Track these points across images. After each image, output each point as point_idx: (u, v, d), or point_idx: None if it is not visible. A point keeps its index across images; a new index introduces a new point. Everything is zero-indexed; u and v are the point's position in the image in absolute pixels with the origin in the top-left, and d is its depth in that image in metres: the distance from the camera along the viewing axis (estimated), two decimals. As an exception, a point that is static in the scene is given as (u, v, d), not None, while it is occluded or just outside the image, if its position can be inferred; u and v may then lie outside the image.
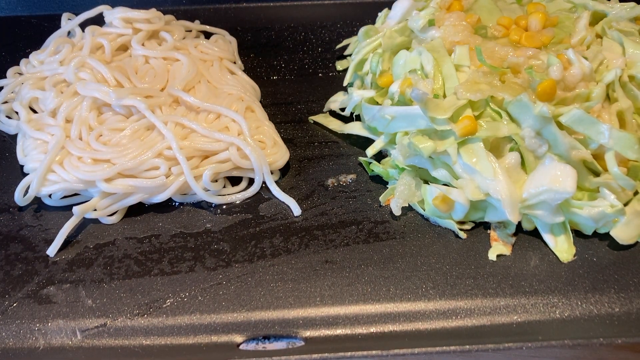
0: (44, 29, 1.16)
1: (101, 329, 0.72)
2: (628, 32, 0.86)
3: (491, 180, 0.75)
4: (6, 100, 0.99)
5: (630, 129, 0.79)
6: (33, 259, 0.80)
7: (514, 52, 0.82)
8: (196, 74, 0.96)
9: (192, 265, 0.79)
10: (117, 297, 0.75)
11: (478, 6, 0.92)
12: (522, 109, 0.75)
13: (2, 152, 0.95)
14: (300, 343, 0.71)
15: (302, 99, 1.04)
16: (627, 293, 0.74)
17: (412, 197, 0.83)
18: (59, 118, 0.89)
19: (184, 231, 0.83)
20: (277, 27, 1.19)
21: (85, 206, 0.82)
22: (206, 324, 0.72)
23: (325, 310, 0.74)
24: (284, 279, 0.77)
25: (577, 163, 0.76)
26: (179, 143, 0.84)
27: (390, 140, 0.88)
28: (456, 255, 0.79)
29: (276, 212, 0.85)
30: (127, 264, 0.79)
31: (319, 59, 1.12)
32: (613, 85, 0.79)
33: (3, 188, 0.89)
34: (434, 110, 0.78)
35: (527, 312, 0.73)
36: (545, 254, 0.79)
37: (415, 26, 0.88)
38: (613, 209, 0.75)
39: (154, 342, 0.71)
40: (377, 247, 0.80)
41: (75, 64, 0.93)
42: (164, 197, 0.84)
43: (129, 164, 0.82)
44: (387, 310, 0.73)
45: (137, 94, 0.89)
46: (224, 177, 0.89)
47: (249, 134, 0.87)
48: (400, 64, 0.88)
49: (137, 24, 1.02)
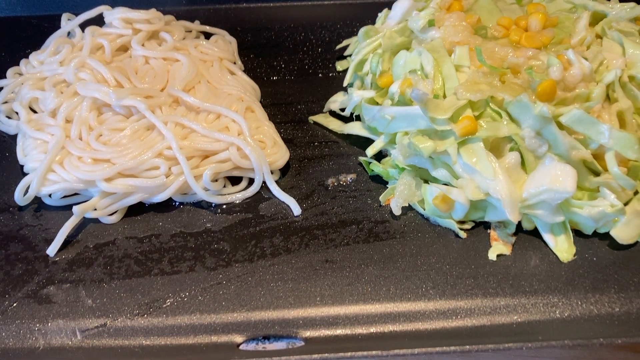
0: (44, 29, 1.16)
1: (101, 329, 0.72)
2: (628, 33, 0.86)
3: (491, 180, 0.75)
4: (6, 101, 0.99)
5: (630, 129, 0.79)
6: (33, 258, 0.80)
7: (514, 53, 0.82)
8: (196, 74, 0.96)
9: (192, 265, 0.79)
10: (117, 297, 0.75)
11: (478, 6, 0.92)
12: (522, 109, 0.76)
13: (2, 152, 0.95)
14: (300, 343, 0.71)
15: (302, 99, 1.04)
16: (627, 293, 0.74)
17: (412, 196, 0.83)
18: (59, 118, 0.89)
19: (184, 231, 0.83)
20: (277, 27, 1.19)
21: (85, 206, 0.82)
22: (206, 324, 0.72)
23: (325, 310, 0.74)
24: (284, 279, 0.77)
25: (577, 163, 0.76)
26: (179, 143, 0.84)
27: (390, 140, 0.88)
28: (456, 255, 0.79)
29: (276, 212, 0.85)
30: (127, 263, 0.79)
31: (319, 59, 1.12)
32: (613, 85, 0.79)
33: (3, 188, 0.89)
34: (434, 110, 0.78)
35: (527, 312, 0.73)
36: (545, 253, 0.79)
37: (415, 26, 0.89)
38: (613, 209, 0.75)
39: (154, 342, 0.71)
40: (377, 247, 0.80)
41: (75, 65, 0.93)
42: (164, 196, 0.84)
43: (129, 163, 0.82)
44: (387, 310, 0.73)
45: (137, 94, 0.89)
46: (224, 177, 0.89)
47: (249, 134, 0.87)
48: (400, 64, 0.88)
49: (137, 25, 1.02)
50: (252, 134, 0.88)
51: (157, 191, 0.84)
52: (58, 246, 0.80)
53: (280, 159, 0.89)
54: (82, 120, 0.88)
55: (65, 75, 0.94)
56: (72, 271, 0.78)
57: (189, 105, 0.91)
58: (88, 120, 0.88)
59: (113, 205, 0.83)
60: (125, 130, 0.87)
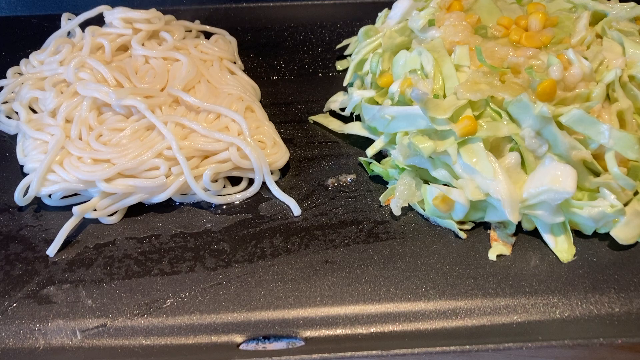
0: (44, 29, 1.16)
1: (101, 329, 0.72)
2: (628, 32, 0.86)
3: (491, 180, 0.75)
4: (6, 100, 0.99)
5: (630, 129, 0.79)
6: (33, 259, 0.80)
7: (514, 52, 0.82)
8: (196, 74, 0.96)
9: (192, 265, 0.79)
10: (117, 297, 0.75)
11: (478, 6, 0.92)
12: (522, 109, 0.75)
13: (2, 152, 0.95)
14: (300, 343, 0.71)
15: (302, 99, 1.04)
16: (627, 293, 0.74)
17: (412, 197, 0.83)
18: (59, 118, 0.89)
19: (184, 231, 0.83)
20: (277, 27, 1.19)
21: (85, 206, 0.82)
22: (206, 324, 0.72)
23: (325, 310, 0.74)
24: (284, 279, 0.77)
25: (577, 163, 0.76)
26: (179, 143, 0.84)
27: (390, 140, 0.88)
28: (456, 255, 0.79)
29: (276, 212, 0.85)
30: (127, 264, 0.79)
31: (319, 59, 1.12)
32: (613, 85, 0.79)
33: (3, 188, 0.89)
34: (434, 110, 0.78)
35: (527, 312, 0.73)
36: (545, 254, 0.79)
37: (415, 26, 0.88)
38: (613, 209, 0.75)
39: (154, 342, 0.71)
40: (377, 247, 0.80)
41: (75, 64, 0.93)
42: (164, 197, 0.84)
43: (129, 164, 0.82)
44: (387, 310, 0.73)
45: (137, 94, 0.89)
46: (224, 177, 0.89)
47: (249, 134, 0.87)
48: (400, 64, 0.88)
49: (137, 24, 1.02)
50: (252, 134, 0.88)
51: (157, 191, 0.84)
52: (58, 246, 0.80)
53: (280, 159, 0.89)
54: (82, 120, 0.88)
55: (65, 75, 0.94)
56: (72, 271, 0.78)
57: (189, 105, 0.91)
58: (88, 120, 0.88)
59: (113, 205, 0.83)
60: (125, 130, 0.87)
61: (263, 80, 1.06)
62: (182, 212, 0.86)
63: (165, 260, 0.79)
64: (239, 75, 1.02)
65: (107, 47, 0.98)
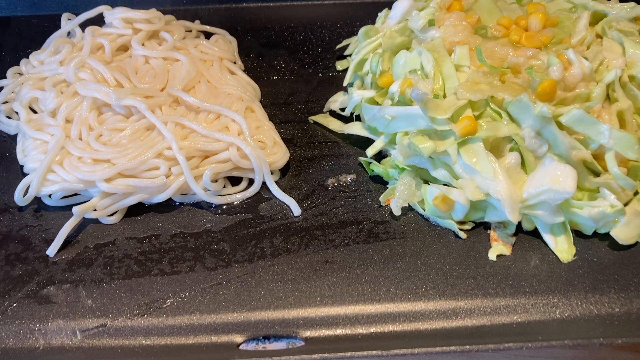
0: (44, 29, 1.16)
1: (101, 329, 0.72)
2: (628, 32, 0.86)
3: (491, 180, 0.75)
4: (6, 100, 0.99)
5: (630, 129, 0.79)
6: (33, 259, 0.80)
7: (514, 52, 0.82)
8: (196, 74, 0.96)
9: (192, 265, 0.79)
10: (117, 297, 0.75)
11: (478, 6, 0.92)
12: (522, 109, 0.75)
13: (2, 152, 0.95)
14: (300, 343, 0.71)
15: (302, 99, 1.04)
16: (627, 293, 0.74)
17: (412, 197, 0.83)
18: (59, 118, 0.89)
19: (184, 231, 0.83)
20: (277, 27, 1.19)
21: (85, 206, 0.82)
22: (206, 324, 0.72)
23: (325, 310, 0.74)
24: (284, 279, 0.77)
25: (577, 163, 0.76)
26: (179, 143, 0.84)
27: (390, 140, 0.88)
28: (456, 255, 0.79)
29: (276, 212, 0.85)
30: (127, 264, 0.79)
31: (319, 59, 1.12)
32: (613, 85, 0.79)
33: (3, 188, 0.89)
34: (434, 110, 0.78)
35: (527, 312, 0.73)
36: (545, 254, 0.79)
37: (415, 26, 0.88)
38: (613, 209, 0.75)
39: (154, 342, 0.71)
40: (377, 247, 0.80)
41: (75, 64, 0.93)
42: (164, 197, 0.84)
43: (129, 164, 0.82)
44: (387, 310, 0.73)
45: (137, 94, 0.89)
46: (224, 177, 0.89)
47: (249, 134, 0.87)
48: (400, 64, 0.88)
49: (137, 24, 1.02)
50: (252, 134, 0.88)
51: (157, 191, 0.84)
52: (58, 246, 0.80)
53: (280, 159, 0.89)
54: (82, 121, 0.88)
55: (65, 75, 0.94)
56: (72, 271, 0.78)
57: (189, 105, 0.91)
58: (88, 120, 0.88)
59: (113, 205, 0.83)
60: (125, 130, 0.87)
61: (263, 80, 1.06)
62: (182, 212, 0.86)
63: (165, 260, 0.79)
64: (239, 75, 1.02)
65: (107, 47, 0.98)
